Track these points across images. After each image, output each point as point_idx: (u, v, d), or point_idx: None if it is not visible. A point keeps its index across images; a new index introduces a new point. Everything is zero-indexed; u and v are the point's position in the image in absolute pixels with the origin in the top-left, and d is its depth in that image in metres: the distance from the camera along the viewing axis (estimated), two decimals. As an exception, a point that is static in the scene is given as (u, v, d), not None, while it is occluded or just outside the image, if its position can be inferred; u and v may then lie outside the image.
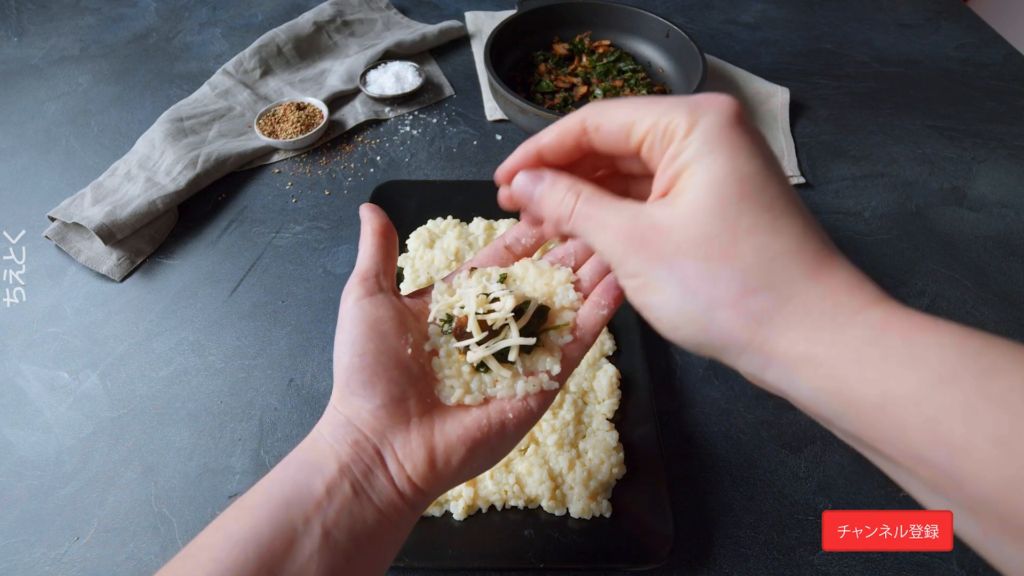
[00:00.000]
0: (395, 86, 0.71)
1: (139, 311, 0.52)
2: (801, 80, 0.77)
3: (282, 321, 0.51)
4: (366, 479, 0.25)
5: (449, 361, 0.28)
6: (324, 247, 0.57)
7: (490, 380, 0.28)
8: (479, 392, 0.28)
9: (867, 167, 0.66)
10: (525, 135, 0.69)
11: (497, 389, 0.28)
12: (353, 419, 0.26)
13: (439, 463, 0.26)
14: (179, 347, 0.50)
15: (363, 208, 0.32)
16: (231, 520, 0.24)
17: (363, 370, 0.26)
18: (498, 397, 0.28)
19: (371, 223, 0.31)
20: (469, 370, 0.28)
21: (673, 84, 0.74)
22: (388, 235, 0.31)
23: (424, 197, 0.58)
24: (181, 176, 0.60)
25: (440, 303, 0.29)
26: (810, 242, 0.21)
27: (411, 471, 0.26)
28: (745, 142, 0.22)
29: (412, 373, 0.27)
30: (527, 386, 0.28)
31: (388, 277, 0.30)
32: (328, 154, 0.66)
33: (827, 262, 0.21)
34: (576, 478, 0.40)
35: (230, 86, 0.72)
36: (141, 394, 0.47)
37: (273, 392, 0.47)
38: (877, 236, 0.59)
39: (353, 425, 0.26)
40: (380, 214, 0.31)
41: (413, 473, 0.26)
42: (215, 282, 0.54)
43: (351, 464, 0.25)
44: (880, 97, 0.75)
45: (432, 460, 0.26)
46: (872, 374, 0.18)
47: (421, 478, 0.26)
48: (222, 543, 0.23)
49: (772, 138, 0.68)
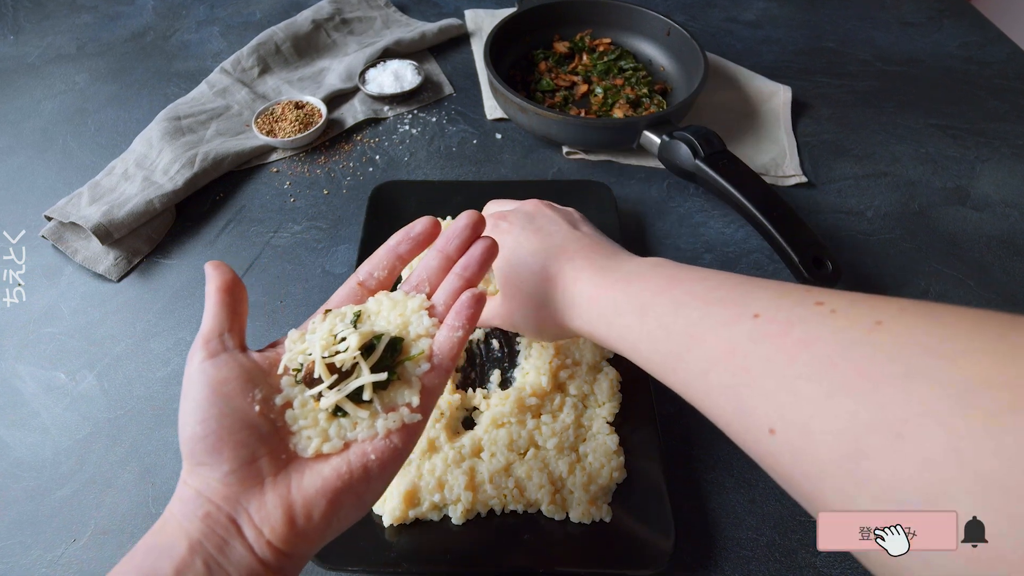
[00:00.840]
0: (394, 84, 0.71)
1: (136, 311, 0.52)
2: (803, 79, 0.77)
3: (280, 321, 0.51)
4: (221, 553, 0.24)
5: (304, 411, 0.28)
6: (323, 247, 0.57)
7: (349, 424, 0.27)
8: (338, 438, 0.27)
9: (870, 166, 0.66)
10: (525, 134, 0.68)
11: (358, 432, 0.27)
12: (203, 490, 0.25)
13: (299, 521, 0.25)
14: (177, 347, 0.49)
15: (207, 265, 0.31)
16: None
17: (207, 437, 0.25)
18: (359, 440, 0.27)
19: (214, 280, 0.30)
20: (326, 417, 0.27)
21: (674, 82, 0.74)
22: (233, 291, 0.30)
23: (423, 197, 0.58)
24: (179, 175, 0.60)
25: (291, 351, 0.29)
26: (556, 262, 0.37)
27: (270, 535, 0.25)
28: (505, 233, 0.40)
29: (262, 432, 0.26)
30: (387, 423, 0.27)
31: (234, 335, 0.29)
32: (327, 153, 0.66)
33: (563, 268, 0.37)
34: (576, 482, 0.39)
35: (228, 84, 0.72)
36: (139, 395, 0.47)
37: (271, 393, 0.47)
38: (880, 236, 0.59)
39: (203, 497, 0.25)
40: (224, 270, 0.30)
41: (272, 536, 0.25)
42: (213, 282, 0.54)
43: (202, 540, 0.24)
44: (883, 96, 0.75)
45: (291, 519, 0.25)
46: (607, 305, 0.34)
47: (282, 540, 0.25)
48: None
49: (774, 137, 0.68)
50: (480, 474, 0.40)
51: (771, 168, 0.65)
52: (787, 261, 0.50)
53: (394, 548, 0.38)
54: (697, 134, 0.57)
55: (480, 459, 0.41)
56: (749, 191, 0.53)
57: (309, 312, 0.51)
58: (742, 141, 0.67)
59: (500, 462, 0.40)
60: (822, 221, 0.60)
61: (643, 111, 0.69)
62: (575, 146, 0.66)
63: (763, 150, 0.67)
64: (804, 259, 0.49)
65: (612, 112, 0.69)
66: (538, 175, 0.65)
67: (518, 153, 0.67)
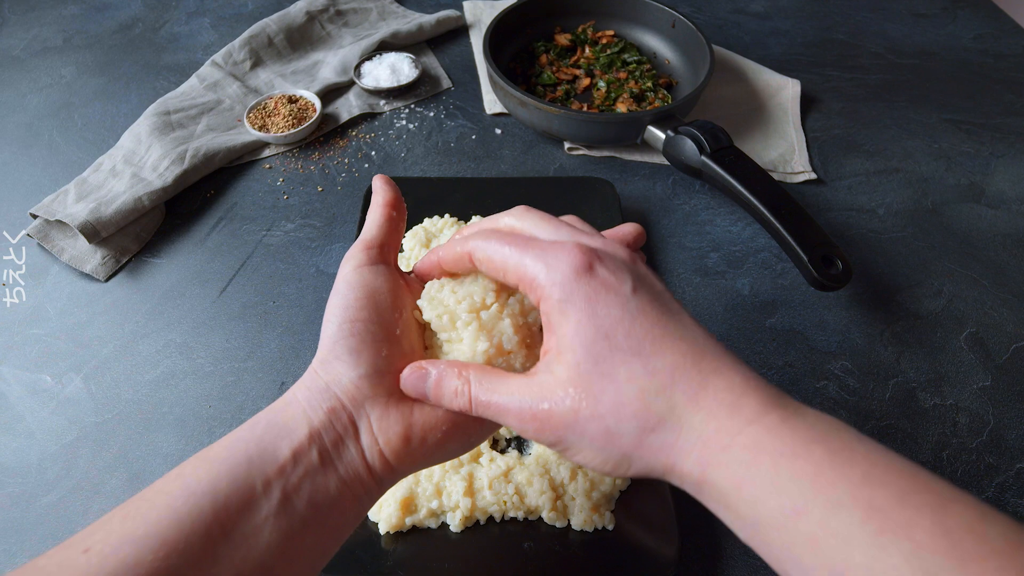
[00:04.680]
0: (391, 78, 0.71)
1: (124, 312, 0.52)
2: (813, 72, 0.77)
3: (273, 322, 0.51)
4: (335, 449, 0.26)
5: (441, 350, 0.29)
6: (317, 245, 0.57)
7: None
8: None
9: (881, 162, 0.66)
10: (526, 129, 0.68)
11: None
12: (332, 385, 0.26)
13: (415, 441, 0.26)
14: (166, 349, 0.49)
15: (376, 179, 0.33)
16: (191, 469, 0.24)
17: (352, 337, 0.27)
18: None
19: (383, 194, 0.32)
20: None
21: (679, 76, 0.74)
22: (398, 208, 0.32)
23: (420, 194, 0.58)
24: (168, 172, 0.59)
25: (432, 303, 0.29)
26: (685, 368, 0.23)
27: (384, 445, 0.26)
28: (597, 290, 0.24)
29: (401, 349, 0.28)
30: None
31: (392, 250, 0.31)
32: (321, 149, 0.66)
33: (707, 381, 0.23)
34: (578, 489, 0.39)
35: (219, 78, 0.72)
36: (127, 398, 0.47)
37: (264, 396, 0.47)
38: (892, 234, 0.59)
39: (331, 391, 0.26)
40: (392, 187, 0.33)
41: (386, 447, 0.26)
42: (203, 282, 0.54)
43: (322, 431, 0.25)
44: (895, 89, 0.75)
45: (408, 437, 0.26)
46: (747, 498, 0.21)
47: (394, 454, 0.26)
48: (179, 491, 0.23)
49: (782, 132, 0.68)
50: (479, 480, 0.40)
51: (779, 164, 0.64)
52: (795, 260, 0.50)
53: (391, 556, 0.38)
54: (703, 129, 0.57)
55: (479, 464, 0.41)
56: (757, 188, 0.53)
57: (303, 313, 0.52)
58: (750, 136, 0.67)
59: (499, 467, 0.40)
60: (832, 219, 0.60)
61: (647, 105, 0.69)
62: (577, 142, 0.66)
63: (771, 146, 0.66)
64: (813, 258, 0.49)
65: (615, 107, 0.68)
66: (539, 172, 0.65)
67: (518, 149, 0.67)
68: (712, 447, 0.22)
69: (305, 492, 0.24)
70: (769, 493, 0.21)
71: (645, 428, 0.23)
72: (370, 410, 0.26)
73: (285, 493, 0.24)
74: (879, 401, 0.47)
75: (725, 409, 0.22)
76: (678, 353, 0.23)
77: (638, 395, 0.23)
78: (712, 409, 0.22)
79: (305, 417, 0.26)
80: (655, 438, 0.23)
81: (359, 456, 0.26)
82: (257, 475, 0.24)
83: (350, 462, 0.26)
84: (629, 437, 0.23)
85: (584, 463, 0.25)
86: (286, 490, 0.24)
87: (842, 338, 0.51)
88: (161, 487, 0.24)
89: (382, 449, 0.26)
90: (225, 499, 0.23)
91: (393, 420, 0.26)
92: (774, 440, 0.21)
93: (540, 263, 0.25)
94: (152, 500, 0.23)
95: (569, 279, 0.24)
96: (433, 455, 0.27)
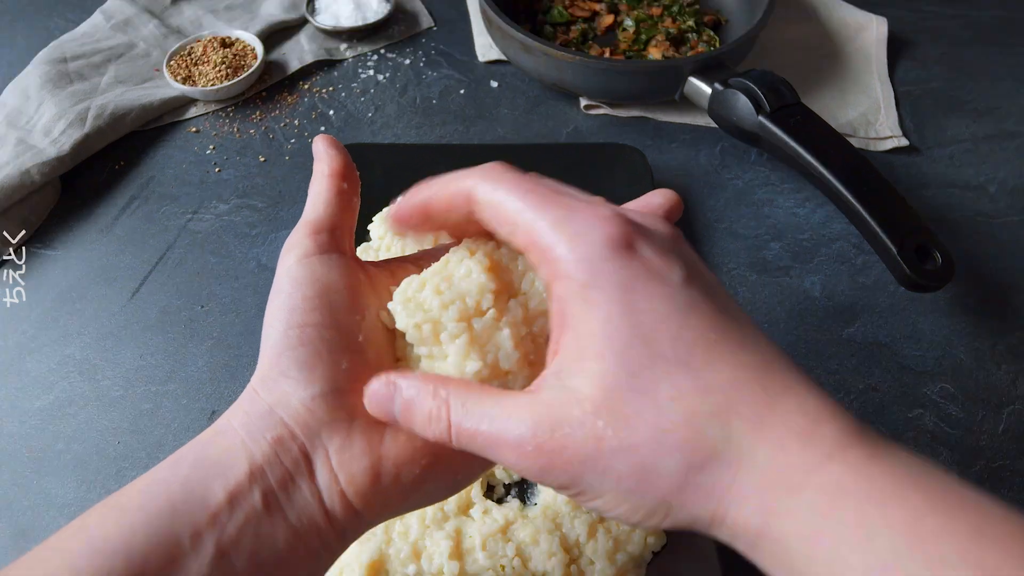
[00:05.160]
0: (354, 15, 0.71)
1: (8, 319, 0.52)
2: (904, 6, 0.77)
3: (201, 333, 0.51)
4: (284, 490, 0.25)
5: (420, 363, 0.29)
6: (258, 232, 0.57)
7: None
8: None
9: (993, 125, 0.66)
10: (530, 81, 0.68)
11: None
12: (278, 408, 0.26)
13: (385, 479, 0.26)
14: (62, 368, 0.50)
15: (317, 140, 0.32)
16: (97, 520, 0.24)
17: (301, 346, 0.26)
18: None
19: (327, 161, 0.31)
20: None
21: (730, 11, 0.74)
22: (350, 178, 0.31)
23: (393, 165, 0.58)
24: (64, 136, 0.60)
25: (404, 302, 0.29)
26: (747, 384, 0.22)
27: (346, 484, 0.26)
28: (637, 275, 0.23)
29: (365, 360, 0.28)
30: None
31: (347, 234, 0.31)
32: (264, 107, 0.66)
33: (773, 403, 0.22)
34: (599, 550, 0.39)
35: (131, 15, 0.72)
36: (10, 432, 0.47)
37: (189, 428, 0.47)
38: (1006, 218, 0.59)
39: (277, 416, 0.26)
40: (340, 150, 0.32)
41: (349, 487, 0.26)
42: (110, 280, 0.54)
43: (266, 467, 0.25)
44: (1012, 29, 0.75)
45: (377, 473, 0.26)
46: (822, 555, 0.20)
47: (358, 495, 0.26)
48: (82, 548, 0.23)
49: (864, 86, 0.68)
50: (469, 538, 0.40)
51: (860, 127, 0.65)
52: (881, 252, 0.50)
53: (354, 638, 0.38)
54: (761, 82, 0.57)
55: (469, 517, 0.41)
56: (831, 158, 0.53)
57: (240, 321, 0.52)
58: (821, 91, 0.67)
59: (496, 521, 0.40)
60: (929, 198, 0.60)
61: (688, 51, 0.69)
62: (597, 97, 0.66)
63: (849, 103, 0.67)
64: (904, 249, 0.49)
65: (647, 52, 0.69)
66: (547, 136, 0.65)
67: (520, 107, 0.67)
68: (779, 489, 0.21)
69: (246, 546, 0.24)
70: (852, 549, 0.20)
71: (692, 465, 0.22)
72: (327, 439, 0.26)
73: (220, 548, 0.24)
74: (990, 435, 0.47)
75: (797, 440, 0.21)
76: (739, 366, 0.22)
77: (686, 420, 0.22)
78: (781, 439, 0.21)
79: (244, 450, 0.25)
80: (705, 478, 0.22)
81: (314, 499, 0.26)
82: (183, 526, 0.24)
83: (303, 507, 0.25)
84: (671, 477, 0.22)
85: (607, 512, 0.24)
86: (221, 544, 0.24)
87: (942, 353, 0.51)
88: (57, 544, 0.24)
89: (343, 489, 0.26)
90: (142, 558, 0.23)
91: (357, 452, 0.26)
92: (859, 481, 0.21)
93: (563, 229, 0.23)
94: (46, 561, 0.23)
95: (600, 256, 0.23)
96: (409, 498, 0.27)
